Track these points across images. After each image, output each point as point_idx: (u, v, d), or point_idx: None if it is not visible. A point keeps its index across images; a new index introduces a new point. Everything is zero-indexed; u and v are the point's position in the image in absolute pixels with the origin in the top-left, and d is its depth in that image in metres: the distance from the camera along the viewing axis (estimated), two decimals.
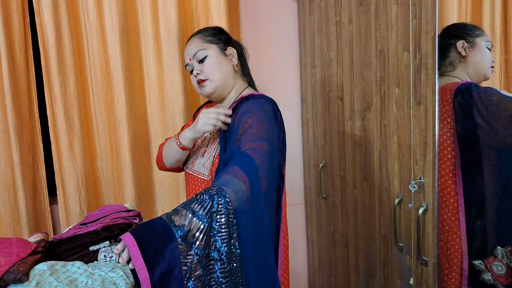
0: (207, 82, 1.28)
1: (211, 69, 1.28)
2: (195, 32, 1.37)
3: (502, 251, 1.15)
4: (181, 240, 0.83)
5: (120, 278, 1.21)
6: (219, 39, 1.34)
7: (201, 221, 0.85)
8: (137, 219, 1.53)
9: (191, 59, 1.31)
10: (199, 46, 1.30)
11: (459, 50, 1.30)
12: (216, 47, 1.32)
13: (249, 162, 0.96)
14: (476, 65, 1.31)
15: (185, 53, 1.36)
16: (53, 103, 1.86)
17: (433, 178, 1.06)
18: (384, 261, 1.40)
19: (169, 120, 1.95)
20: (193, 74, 1.31)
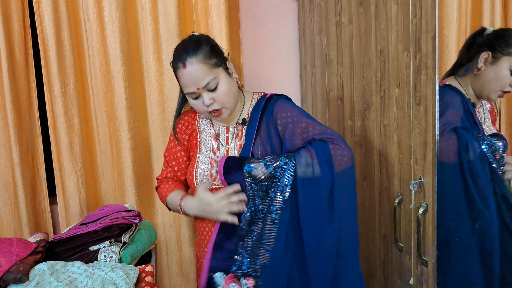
0: (223, 110, 1.23)
1: (225, 97, 1.21)
2: (189, 51, 1.18)
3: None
4: (247, 173, 1.18)
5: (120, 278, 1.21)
6: (221, 58, 1.23)
7: (268, 169, 1.18)
8: (137, 219, 1.53)
9: (200, 88, 1.18)
10: (209, 75, 1.18)
11: (479, 61, 1.21)
12: (222, 70, 1.22)
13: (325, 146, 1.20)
14: (485, 83, 1.22)
15: (185, 78, 1.19)
16: (53, 103, 1.86)
17: (433, 178, 1.06)
18: (384, 261, 1.40)
19: (169, 120, 1.95)
20: (204, 104, 1.20)
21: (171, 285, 2.08)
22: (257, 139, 1.26)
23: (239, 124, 1.31)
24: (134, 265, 1.40)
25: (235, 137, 1.31)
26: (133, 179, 1.94)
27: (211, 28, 1.93)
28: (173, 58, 1.23)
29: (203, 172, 1.28)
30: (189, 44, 1.20)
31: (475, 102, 1.28)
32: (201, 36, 1.25)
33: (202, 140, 1.33)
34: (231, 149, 1.30)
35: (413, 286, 1.20)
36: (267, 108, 1.29)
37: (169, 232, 2.05)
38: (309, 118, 1.25)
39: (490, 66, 1.19)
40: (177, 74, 1.22)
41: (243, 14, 2.12)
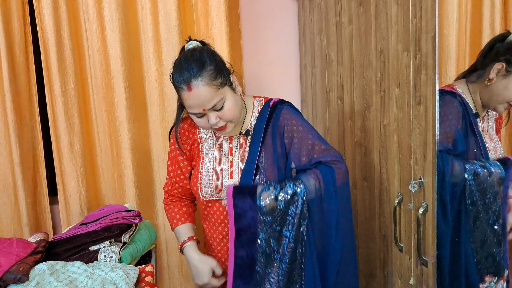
0: (228, 125, 1.20)
1: (231, 115, 1.17)
2: (194, 73, 1.11)
3: None
4: (260, 212, 1.15)
5: (120, 278, 1.21)
6: (226, 76, 1.17)
7: (279, 206, 1.15)
8: (137, 219, 1.53)
9: (206, 110, 1.14)
10: (216, 97, 1.13)
11: (491, 71, 1.17)
12: (228, 88, 1.17)
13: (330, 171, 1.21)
14: (493, 94, 1.19)
15: (190, 101, 1.13)
16: (54, 103, 1.86)
17: (433, 178, 1.06)
18: (384, 261, 1.40)
19: (169, 120, 1.95)
20: (209, 122, 1.17)
21: (171, 285, 2.08)
22: (262, 151, 1.24)
23: (242, 134, 1.29)
24: (134, 265, 1.40)
25: (238, 148, 1.29)
26: (133, 179, 1.94)
27: (211, 28, 1.93)
28: (174, 76, 1.15)
29: (208, 183, 1.26)
30: (192, 63, 1.12)
31: (478, 112, 1.26)
32: (202, 51, 1.17)
33: (205, 151, 1.30)
34: (235, 160, 1.28)
35: (413, 286, 1.20)
36: (272, 118, 1.26)
37: (169, 232, 2.04)
38: (314, 135, 1.25)
39: (502, 79, 1.17)
40: (181, 95, 1.16)
41: (243, 14, 2.12)
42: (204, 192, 1.27)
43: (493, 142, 1.27)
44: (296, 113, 1.29)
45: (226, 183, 1.25)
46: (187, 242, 1.31)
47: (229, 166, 1.27)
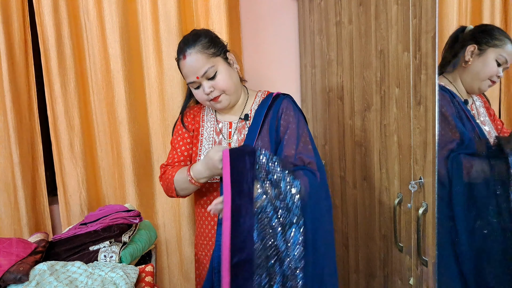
0: (223, 97, 1.29)
1: (224, 84, 1.27)
2: (189, 43, 1.26)
3: None
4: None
5: (120, 278, 1.21)
6: (220, 49, 1.29)
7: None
8: (137, 219, 1.53)
9: (199, 77, 1.26)
10: (207, 63, 1.25)
11: (465, 54, 1.24)
12: (221, 60, 1.29)
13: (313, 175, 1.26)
14: (473, 75, 1.25)
15: (186, 69, 1.27)
16: (54, 103, 1.86)
17: (433, 178, 1.06)
18: (384, 261, 1.40)
19: (169, 120, 1.95)
20: (204, 92, 1.27)
21: (171, 285, 2.08)
22: (260, 134, 1.31)
23: (241, 119, 1.37)
24: (134, 265, 1.40)
25: (237, 132, 1.37)
26: (133, 179, 1.94)
27: (211, 28, 1.92)
28: (176, 54, 1.32)
29: None
30: (189, 37, 1.30)
31: (467, 99, 1.30)
32: (201, 29, 1.34)
33: (205, 134, 1.39)
34: (232, 143, 1.36)
35: (413, 286, 1.20)
36: (273, 105, 1.34)
37: (169, 232, 2.05)
38: (306, 133, 1.31)
39: (477, 58, 1.23)
40: (179, 66, 1.31)
41: (243, 14, 2.12)
42: None
43: (487, 126, 1.30)
44: (295, 107, 1.36)
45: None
46: (190, 169, 1.26)
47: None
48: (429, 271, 1.12)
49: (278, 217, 1.12)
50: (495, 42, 1.21)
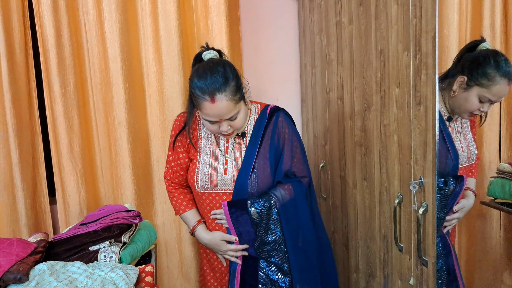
0: (235, 131, 1.34)
1: (241, 124, 1.31)
2: (219, 87, 1.20)
3: None
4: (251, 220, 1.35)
5: (120, 278, 1.21)
6: (242, 91, 1.29)
7: (261, 214, 1.35)
8: (137, 219, 1.53)
9: (222, 119, 1.25)
10: (234, 110, 1.25)
11: (454, 83, 1.27)
12: (242, 102, 1.30)
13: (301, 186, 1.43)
14: (456, 104, 1.29)
15: (211, 111, 1.22)
16: (53, 103, 1.86)
17: (433, 178, 1.05)
18: (384, 261, 1.40)
19: (169, 120, 1.95)
20: (221, 130, 1.28)
21: (171, 285, 2.08)
22: (259, 152, 1.36)
23: (238, 136, 1.39)
24: (134, 265, 1.40)
25: (234, 148, 1.39)
26: (132, 179, 1.94)
27: (211, 28, 1.93)
28: (198, 84, 1.21)
29: (204, 177, 1.38)
30: (218, 77, 1.20)
31: (451, 116, 1.33)
32: (225, 65, 1.25)
33: (203, 147, 1.41)
34: (229, 159, 1.38)
35: (413, 286, 1.20)
36: (270, 125, 1.39)
37: (169, 232, 2.04)
38: (299, 149, 1.43)
39: (463, 91, 1.25)
40: (200, 103, 1.22)
41: (243, 14, 2.11)
42: (200, 185, 1.39)
43: (467, 140, 1.35)
44: (289, 122, 1.44)
45: (221, 178, 1.36)
46: (198, 226, 1.44)
47: (224, 164, 1.38)
48: (429, 271, 1.12)
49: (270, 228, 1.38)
50: (482, 81, 1.21)
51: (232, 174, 1.36)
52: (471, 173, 1.41)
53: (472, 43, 1.27)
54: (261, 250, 1.38)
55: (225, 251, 1.40)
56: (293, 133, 1.42)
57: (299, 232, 1.40)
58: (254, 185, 1.35)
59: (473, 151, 1.35)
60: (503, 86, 1.19)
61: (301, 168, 1.43)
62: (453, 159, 1.30)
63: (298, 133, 1.44)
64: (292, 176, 1.42)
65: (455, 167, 1.31)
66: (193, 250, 2.05)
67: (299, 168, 1.42)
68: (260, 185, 1.35)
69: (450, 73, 1.30)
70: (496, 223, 1.45)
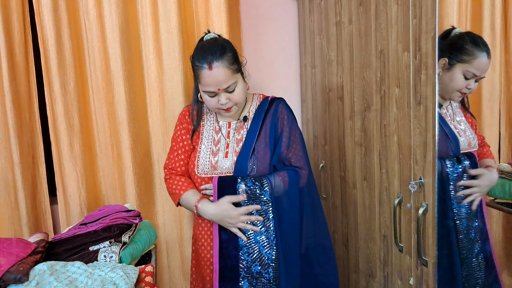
0: (234, 107, 1.36)
1: (240, 98, 1.35)
2: (216, 55, 1.28)
3: None
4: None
5: (120, 278, 1.21)
6: (239, 64, 1.35)
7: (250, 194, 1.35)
8: (137, 219, 1.53)
9: (220, 89, 1.30)
10: (231, 79, 1.30)
11: (437, 66, 1.29)
12: (240, 75, 1.35)
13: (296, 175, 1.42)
14: (443, 86, 1.29)
15: (209, 79, 1.29)
16: (53, 103, 1.86)
17: (433, 178, 1.05)
18: (384, 261, 1.40)
19: (169, 120, 1.95)
20: (219, 102, 1.32)
21: (171, 285, 2.08)
22: (259, 135, 1.40)
23: (240, 120, 1.44)
24: (134, 265, 1.40)
25: (236, 132, 1.43)
26: (133, 179, 1.94)
27: (211, 28, 1.93)
28: (196, 57, 1.31)
29: (205, 161, 1.40)
30: (215, 47, 1.30)
31: (440, 103, 1.32)
32: (224, 40, 1.37)
33: (205, 133, 1.45)
34: (231, 143, 1.42)
35: (413, 286, 1.20)
36: (270, 110, 1.44)
37: (169, 232, 2.05)
38: (297, 137, 1.44)
39: (446, 72, 1.26)
40: (200, 73, 1.30)
41: (244, 14, 2.12)
42: (200, 169, 1.40)
43: (462, 125, 1.35)
44: (289, 111, 1.47)
45: (221, 161, 1.39)
46: (200, 201, 1.38)
47: (225, 147, 1.41)
48: (429, 271, 1.12)
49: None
50: (462, 57, 1.23)
51: (233, 157, 1.38)
52: (485, 154, 1.36)
53: (444, 33, 1.31)
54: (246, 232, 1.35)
55: (237, 215, 1.31)
56: (292, 120, 1.45)
57: (286, 222, 1.38)
58: (254, 167, 1.36)
59: (472, 137, 1.34)
60: (483, 59, 1.23)
61: (298, 158, 1.43)
62: (453, 143, 1.30)
63: (297, 123, 1.47)
64: (288, 164, 1.42)
65: (456, 148, 1.30)
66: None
67: (296, 157, 1.42)
68: (259, 168, 1.36)
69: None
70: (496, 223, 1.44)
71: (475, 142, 1.35)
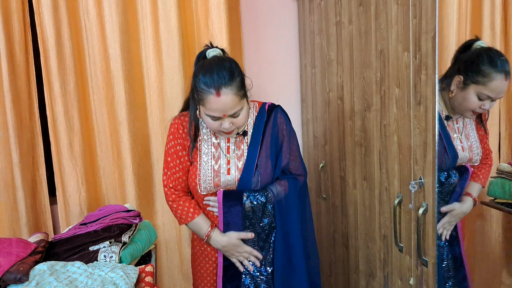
0: (235, 130, 1.31)
1: (243, 121, 1.29)
2: (225, 81, 1.19)
3: None
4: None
5: (120, 278, 1.21)
6: (245, 88, 1.28)
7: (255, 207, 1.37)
8: (137, 219, 1.53)
9: (226, 115, 1.23)
10: (238, 105, 1.23)
11: (452, 83, 1.26)
12: (245, 100, 1.28)
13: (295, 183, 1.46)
14: (456, 104, 1.28)
15: (216, 105, 1.21)
16: (53, 103, 1.86)
17: (433, 178, 1.06)
18: (384, 261, 1.40)
19: (169, 120, 1.95)
20: (222, 127, 1.25)
21: (171, 285, 2.08)
22: (261, 150, 1.36)
23: (239, 134, 1.37)
24: (134, 265, 1.40)
25: (236, 147, 1.38)
26: (133, 179, 1.94)
27: (211, 28, 1.93)
28: (201, 78, 1.21)
29: (207, 179, 1.35)
30: (224, 70, 1.21)
31: (450, 114, 1.32)
32: (231, 61, 1.26)
33: (203, 149, 1.38)
34: (232, 159, 1.37)
35: (413, 286, 1.20)
36: (269, 122, 1.39)
37: (169, 232, 2.04)
38: (296, 146, 1.46)
39: (460, 91, 1.24)
40: (205, 97, 1.21)
41: (244, 14, 2.11)
42: (203, 187, 1.35)
43: (469, 141, 1.33)
44: (287, 119, 1.45)
45: (224, 179, 1.35)
46: (213, 230, 1.38)
47: (227, 164, 1.36)
48: (429, 271, 1.12)
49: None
50: (477, 79, 1.19)
51: (236, 174, 1.35)
52: (476, 177, 1.36)
53: (466, 43, 1.27)
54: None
55: (242, 252, 1.37)
56: (291, 130, 1.45)
57: (287, 227, 1.41)
58: (257, 182, 1.35)
59: (476, 152, 1.32)
60: (500, 82, 1.18)
61: (297, 166, 1.47)
62: (449, 157, 1.28)
63: (293, 130, 1.47)
64: (289, 173, 1.45)
65: (452, 163, 1.29)
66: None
67: (295, 166, 1.46)
68: (262, 183, 1.36)
69: (448, 74, 1.30)
70: (496, 223, 1.45)
71: (477, 158, 1.33)
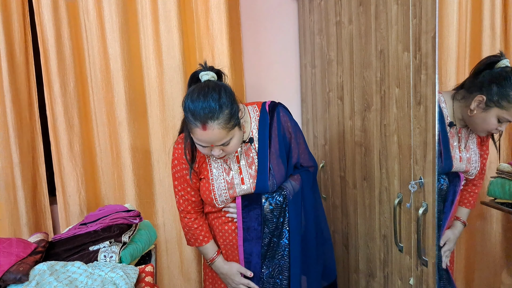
0: (227, 155, 1.27)
1: (234, 148, 1.24)
2: (212, 116, 1.13)
3: None
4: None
5: (120, 278, 1.21)
6: (237, 117, 1.20)
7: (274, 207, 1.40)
8: (137, 219, 1.53)
9: (213, 145, 1.19)
10: (227, 137, 1.18)
11: (473, 101, 1.21)
12: (237, 128, 1.22)
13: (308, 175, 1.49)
14: (473, 123, 1.25)
15: (201, 137, 1.17)
16: (53, 103, 1.86)
17: (433, 178, 1.06)
18: (384, 261, 1.40)
19: (169, 120, 1.95)
20: (212, 153, 1.22)
21: (171, 285, 2.08)
22: (271, 154, 1.36)
23: (246, 142, 1.36)
24: (134, 265, 1.40)
25: (244, 155, 1.37)
26: (133, 179, 1.94)
27: (211, 28, 1.93)
28: (189, 108, 1.16)
29: (222, 193, 1.35)
30: (211, 102, 1.14)
31: (454, 122, 1.30)
32: (221, 90, 1.17)
33: (212, 163, 1.36)
34: (243, 167, 1.36)
35: (413, 286, 1.20)
36: (274, 123, 1.38)
37: (169, 232, 2.04)
38: (302, 140, 1.47)
39: (481, 111, 1.21)
40: (192, 128, 1.18)
41: (243, 14, 2.11)
42: (220, 201, 1.36)
43: (469, 153, 1.31)
44: (290, 115, 1.44)
45: (239, 189, 1.35)
46: (217, 257, 1.45)
47: (239, 174, 1.36)
48: (429, 271, 1.12)
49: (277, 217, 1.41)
50: (503, 103, 1.17)
51: (250, 181, 1.35)
52: (467, 201, 1.38)
53: (491, 59, 1.22)
54: (268, 248, 1.41)
55: (238, 283, 1.42)
56: (295, 125, 1.45)
57: (301, 220, 1.44)
58: (273, 185, 1.37)
59: (474, 166, 1.31)
60: None
61: (307, 159, 1.49)
62: (443, 162, 1.26)
63: (298, 124, 1.48)
64: (300, 166, 1.48)
65: (442, 171, 1.27)
66: (193, 250, 2.06)
67: (305, 159, 1.48)
68: (278, 182, 1.38)
69: (467, 87, 1.26)
70: (496, 223, 1.45)
71: (474, 172, 1.32)
